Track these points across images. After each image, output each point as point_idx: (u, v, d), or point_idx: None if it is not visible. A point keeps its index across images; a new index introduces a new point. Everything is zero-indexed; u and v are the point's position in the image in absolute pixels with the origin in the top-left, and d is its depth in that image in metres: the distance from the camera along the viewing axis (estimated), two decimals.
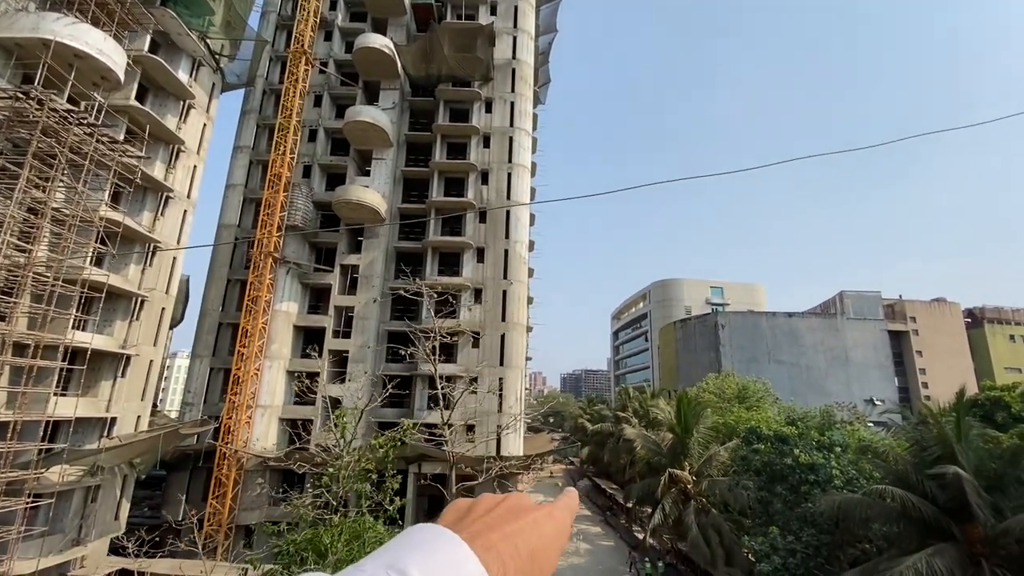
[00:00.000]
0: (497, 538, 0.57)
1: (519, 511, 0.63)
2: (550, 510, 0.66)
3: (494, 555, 0.55)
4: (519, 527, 0.60)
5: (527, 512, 0.64)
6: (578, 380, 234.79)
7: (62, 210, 19.27)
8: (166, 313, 27.24)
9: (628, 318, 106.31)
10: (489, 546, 0.56)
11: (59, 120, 17.96)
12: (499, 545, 0.57)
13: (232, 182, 34.57)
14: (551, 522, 0.64)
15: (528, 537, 0.60)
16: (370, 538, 6.42)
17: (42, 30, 18.25)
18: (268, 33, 37.48)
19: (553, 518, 0.65)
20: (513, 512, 0.63)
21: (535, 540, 0.60)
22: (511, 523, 0.60)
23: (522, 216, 34.56)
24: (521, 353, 32.23)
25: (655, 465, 28.76)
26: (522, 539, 0.59)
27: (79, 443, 22.22)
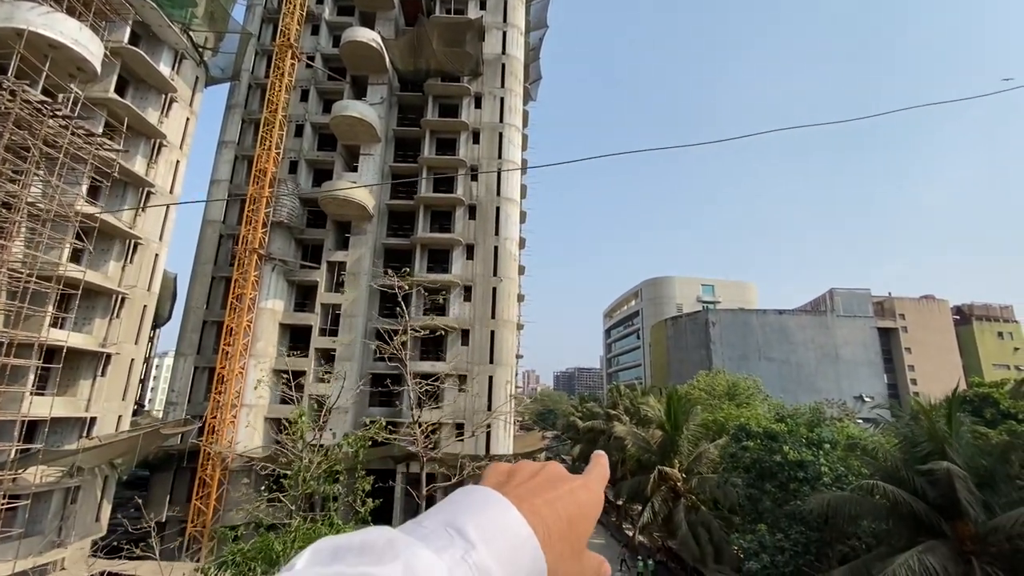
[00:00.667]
0: (540, 503, 0.60)
1: (558, 480, 0.66)
2: (585, 480, 0.69)
3: (539, 519, 0.58)
4: (558, 494, 0.63)
5: (565, 481, 0.67)
6: (571, 378, 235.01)
7: (37, 204, 18.74)
8: (148, 311, 26.70)
9: (620, 316, 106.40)
10: (534, 510, 0.58)
11: (32, 112, 17.43)
12: (543, 510, 0.60)
13: (217, 178, 33.97)
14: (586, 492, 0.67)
15: (567, 504, 0.63)
16: None
17: (15, 19, 17.70)
18: (253, 26, 36.84)
19: (588, 488, 0.68)
20: (552, 480, 0.66)
21: (573, 508, 0.63)
22: (551, 490, 0.64)
23: (512, 213, 34.26)
24: (511, 350, 31.97)
25: (645, 463, 28.63)
26: (562, 505, 0.62)
27: (58, 443, 21.70)
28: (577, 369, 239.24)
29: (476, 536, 0.53)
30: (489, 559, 0.52)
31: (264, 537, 6.17)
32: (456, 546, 0.52)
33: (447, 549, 0.51)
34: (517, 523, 0.56)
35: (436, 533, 0.53)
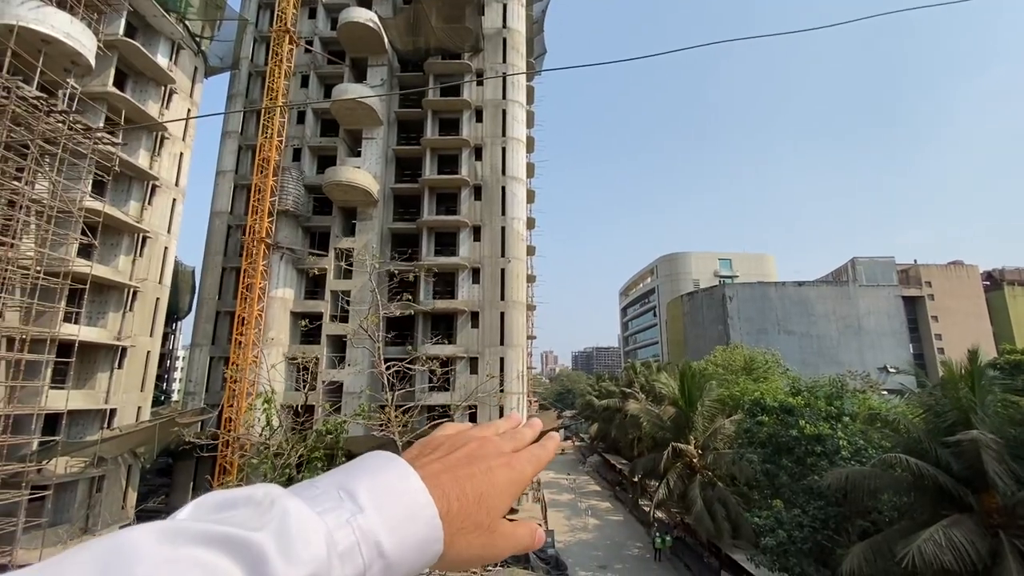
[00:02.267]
0: (448, 478, 0.60)
1: (478, 457, 0.66)
2: (509, 460, 0.68)
3: (441, 492, 0.58)
4: (472, 471, 0.63)
5: (485, 459, 0.66)
6: (589, 358, 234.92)
7: (42, 201, 18.87)
8: (161, 303, 27.05)
9: (636, 294, 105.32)
10: (438, 483, 0.58)
11: (29, 108, 17.40)
12: (447, 484, 0.60)
13: (222, 168, 33.99)
14: (507, 471, 0.66)
15: (479, 482, 0.62)
16: None
17: (6, 15, 17.60)
18: (250, 13, 36.40)
19: (511, 467, 0.67)
20: (472, 457, 0.65)
21: (486, 486, 0.63)
22: (466, 467, 0.63)
23: (518, 192, 33.64)
24: (521, 331, 31.71)
25: (660, 440, 28.32)
26: (472, 483, 0.62)
27: (80, 435, 22.29)
28: (595, 349, 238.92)
29: (367, 500, 0.52)
30: (378, 524, 0.51)
31: None
32: (344, 508, 0.51)
33: (333, 511, 0.50)
34: (416, 490, 0.55)
35: (327, 494, 0.52)
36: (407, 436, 9.07)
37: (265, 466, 7.84)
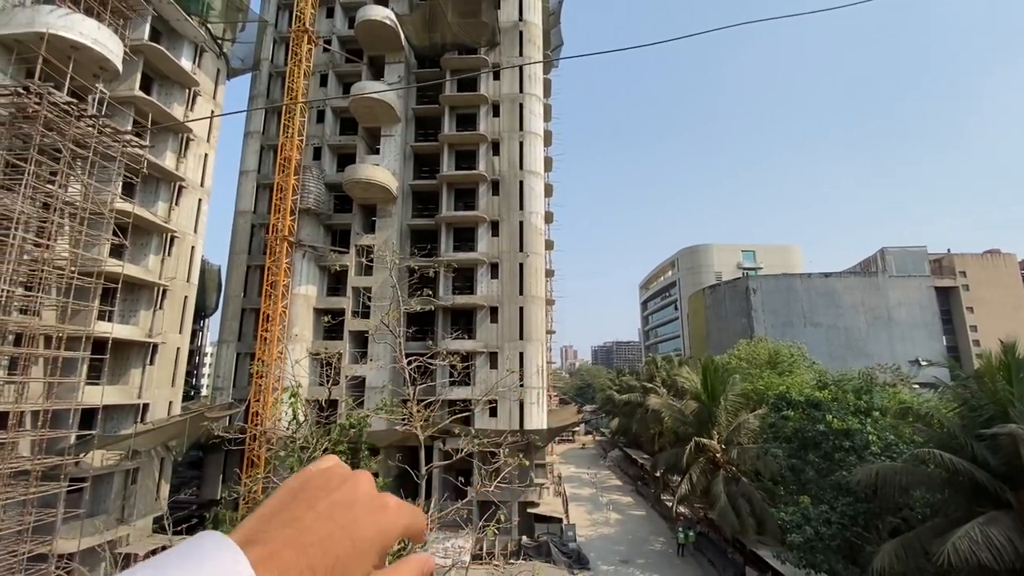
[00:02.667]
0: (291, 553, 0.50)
1: (343, 506, 0.56)
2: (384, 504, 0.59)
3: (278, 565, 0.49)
4: (330, 531, 0.53)
5: (351, 508, 0.56)
6: (609, 352, 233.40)
7: (75, 203, 19.51)
8: (189, 301, 27.76)
9: (657, 287, 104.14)
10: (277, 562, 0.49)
11: (60, 113, 17.97)
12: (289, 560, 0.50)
13: (245, 168, 34.66)
14: (377, 519, 0.57)
15: (336, 544, 0.53)
16: None
17: (37, 24, 18.19)
18: (270, 14, 36.93)
19: (383, 514, 0.58)
20: (332, 510, 0.55)
21: (344, 547, 0.53)
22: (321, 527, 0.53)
23: (536, 186, 33.48)
24: (541, 326, 31.65)
25: (682, 434, 28.05)
26: (324, 549, 0.52)
27: (115, 429, 23.10)
28: (615, 343, 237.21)
29: None
30: None
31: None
32: None
33: None
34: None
35: None
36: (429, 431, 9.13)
37: (292, 459, 8.01)
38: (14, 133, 17.68)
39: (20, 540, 16.93)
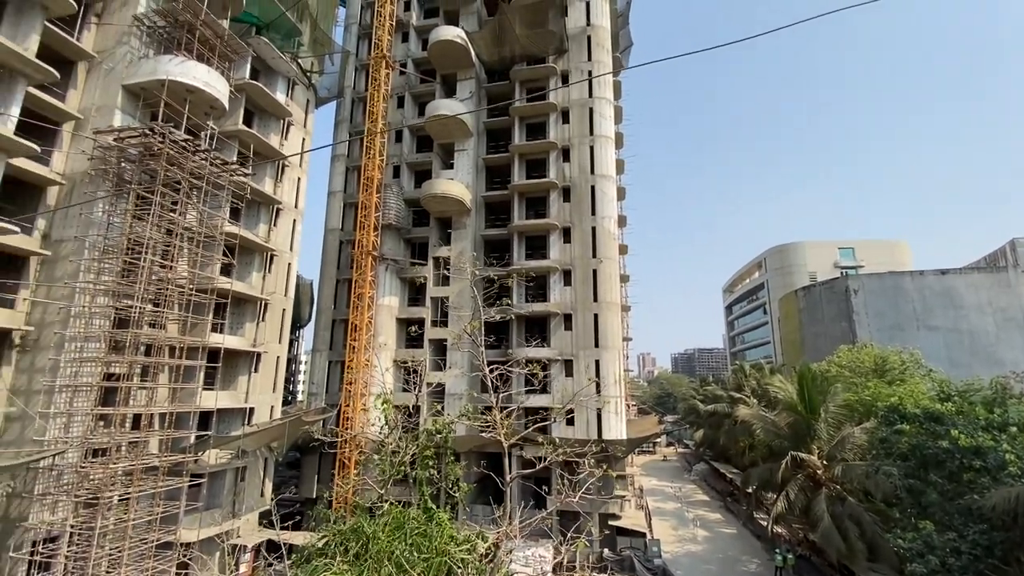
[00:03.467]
0: None
1: None
2: None
3: None
4: None
5: None
6: (690, 359, 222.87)
7: (192, 228, 22.00)
8: (287, 313, 30.16)
9: (742, 290, 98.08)
10: None
11: (179, 150, 20.37)
12: None
13: (333, 189, 37.29)
14: None
15: None
16: (411, 528, 6.19)
17: (159, 72, 20.76)
18: (351, 45, 39.62)
19: None
20: None
21: None
22: None
23: (608, 191, 32.91)
24: (617, 333, 30.89)
25: (776, 448, 26.05)
26: None
27: (227, 430, 25.54)
28: (697, 350, 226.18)
29: None
30: None
31: (357, 519, 6.48)
32: None
33: None
34: None
35: None
36: (513, 439, 9.19)
37: (383, 464, 8.39)
38: (143, 169, 20.28)
39: (150, 529, 19.13)
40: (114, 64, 21.19)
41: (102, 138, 19.50)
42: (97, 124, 20.12)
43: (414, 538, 5.93)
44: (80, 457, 17.56)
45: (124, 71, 20.95)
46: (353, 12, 40.81)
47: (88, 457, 17.83)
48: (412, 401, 31.81)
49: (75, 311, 18.27)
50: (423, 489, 7.11)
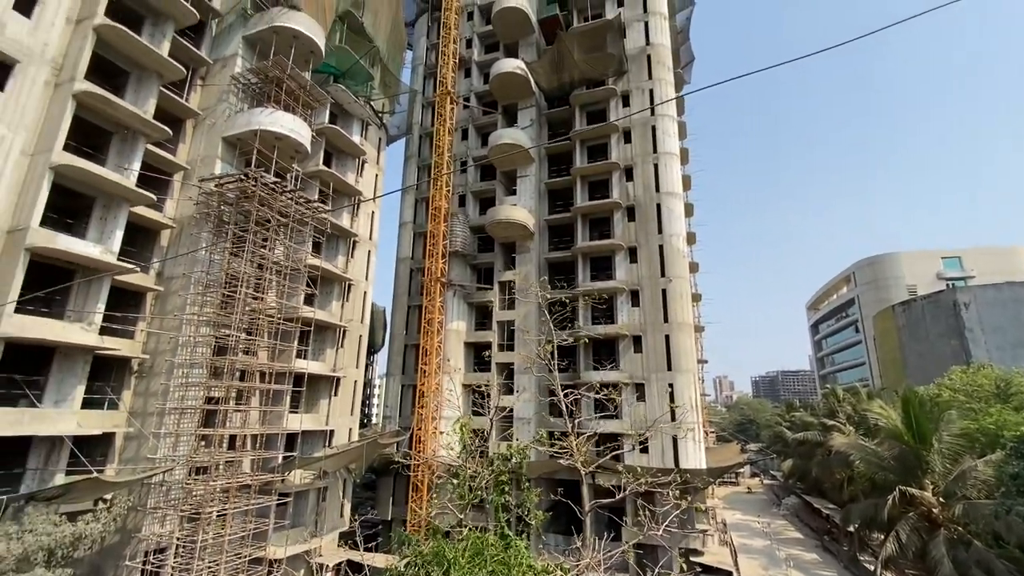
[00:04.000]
0: None
1: None
2: None
3: None
4: None
5: None
6: (772, 383, 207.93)
7: (280, 262, 23.91)
8: (363, 339, 31.69)
9: (829, 307, 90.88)
10: None
11: (269, 191, 22.37)
12: None
13: (403, 220, 39.18)
14: None
15: None
16: (491, 555, 6.14)
17: (252, 123, 23.06)
18: (418, 84, 41.99)
19: None
20: None
21: None
22: None
23: (675, 208, 32.03)
24: (690, 355, 29.52)
25: (880, 482, 23.48)
26: None
27: (309, 452, 26.95)
28: (780, 372, 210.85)
29: None
30: None
31: (438, 543, 6.56)
32: None
33: None
34: None
35: None
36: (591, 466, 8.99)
37: (461, 488, 8.46)
38: (238, 210, 22.43)
39: (244, 544, 20.41)
40: (215, 119, 23.83)
41: (205, 185, 21.85)
42: (201, 173, 22.59)
43: (493, 565, 5.90)
44: (185, 474, 19.21)
45: (223, 124, 23.48)
46: (419, 54, 43.38)
47: (192, 475, 19.47)
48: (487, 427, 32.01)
49: (182, 340, 20.28)
50: (499, 515, 7.08)
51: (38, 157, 17.24)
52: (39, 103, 17.76)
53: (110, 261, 18.42)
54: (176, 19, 21.93)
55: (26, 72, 17.40)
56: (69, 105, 17.62)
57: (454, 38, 36.74)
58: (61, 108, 17.61)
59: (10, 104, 16.87)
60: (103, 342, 18.56)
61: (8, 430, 15.57)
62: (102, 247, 18.35)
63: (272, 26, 24.41)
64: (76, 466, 17.69)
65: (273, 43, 24.72)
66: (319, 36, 25.88)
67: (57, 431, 16.95)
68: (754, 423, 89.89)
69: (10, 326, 15.55)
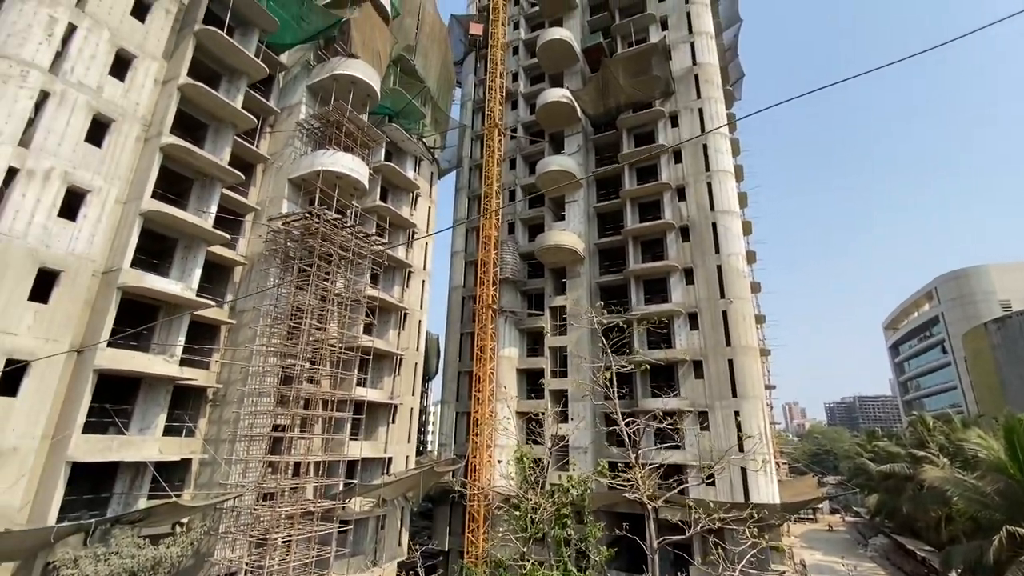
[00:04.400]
0: None
1: None
2: None
3: None
4: None
5: None
6: (849, 410, 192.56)
7: (341, 294, 24.99)
8: (418, 368, 32.25)
9: (909, 326, 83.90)
10: None
11: (331, 227, 23.59)
12: None
13: (455, 250, 40.10)
14: None
15: None
16: None
17: (315, 165, 24.58)
18: (467, 119, 43.49)
19: None
20: None
21: None
22: None
23: (732, 226, 30.92)
24: (756, 380, 27.91)
25: (984, 521, 20.94)
26: None
27: (369, 479, 27.39)
28: (857, 398, 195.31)
29: None
30: None
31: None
32: None
33: None
34: None
35: None
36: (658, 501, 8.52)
37: (522, 520, 8.24)
38: (303, 246, 23.76)
39: (307, 571, 20.81)
40: (282, 162, 25.60)
41: (273, 223, 23.35)
42: (270, 212, 24.20)
43: None
44: (254, 500, 19.98)
45: (289, 167, 25.16)
46: (467, 91, 45.06)
47: (259, 500, 20.22)
48: (545, 456, 31.46)
49: (252, 370, 21.41)
50: (562, 550, 6.82)
51: (130, 205, 19.08)
52: (131, 156, 19.77)
53: (190, 297, 19.91)
54: (249, 75, 23.99)
55: (120, 129, 19.46)
56: (157, 157, 19.50)
57: (500, 73, 37.99)
58: (150, 160, 19.51)
59: (107, 158, 18.86)
60: (183, 373, 19.91)
61: (99, 456, 16.84)
62: (183, 284, 19.88)
63: (332, 74, 26.18)
64: (157, 491, 18.84)
65: (333, 90, 26.46)
66: (375, 80, 27.46)
67: (141, 457, 18.16)
68: (831, 453, 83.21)
69: (104, 359, 16.99)
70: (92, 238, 17.95)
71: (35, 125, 17.03)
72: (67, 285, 17.05)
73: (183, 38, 21.66)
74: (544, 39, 38.35)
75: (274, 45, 26.67)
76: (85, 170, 18.00)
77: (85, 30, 18.62)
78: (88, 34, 18.70)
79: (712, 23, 37.24)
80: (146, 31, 20.75)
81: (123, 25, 19.91)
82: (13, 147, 16.30)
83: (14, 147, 16.33)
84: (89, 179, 18.08)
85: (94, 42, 18.85)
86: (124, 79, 19.91)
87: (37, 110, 17.25)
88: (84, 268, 17.60)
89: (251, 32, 24.39)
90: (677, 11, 37.21)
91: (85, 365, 16.78)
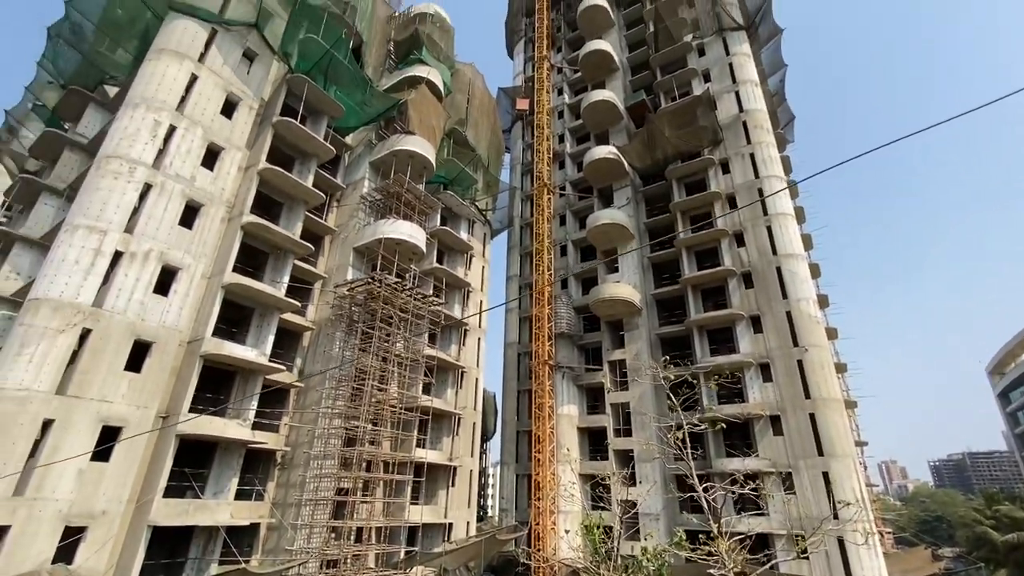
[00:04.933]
0: None
1: None
2: None
3: None
4: None
5: None
6: (959, 468, 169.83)
7: (400, 354, 25.56)
8: (476, 427, 31.85)
9: (1018, 370, 74.57)
10: None
11: (391, 291, 24.57)
12: None
13: (509, 306, 40.37)
14: None
15: None
16: None
17: (377, 233, 26.06)
18: (516, 180, 45.09)
19: None
20: None
21: None
22: None
23: (798, 270, 29.38)
24: (844, 436, 25.32)
25: None
26: None
27: (429, 546, 26.60)
28: (967, 454, 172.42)
29: None
30: None
31: None
32: None
33: None
34: None
35: None
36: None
37: None
38: (366, 310, 24.77)
39: None
40: (347, 233, 27.34)
41: (339, 290, 24.63)
42: (336, 280, 25.62)
43: None
44: (317, 568, 19.79)
45: (354, 237, 26.80)
46: (516, 155, 47.03)
47: (322, 568, 20.01)
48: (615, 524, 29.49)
49: (318, 432, 21.91)
50: None
51: (214, 279, 20.83)
52: (216, 235, 21.79)
53: (263, 363, 21.01)
54: (319, 156, 26.31)
55: (208, 212, 21.62)
56: (238, 235, 21.40)
57: (547, 136, 39.53)
58: (232, 238, 21.42)
59: (196, 239, 20.88)
60: (255, 436, 20.67)
61: (177, 520, 17.45)
62: (257, 351, 21.09)
63: (392, 150, 28.22)
64: (227, 555, 19.12)
65: (393, 164, 28.42)
66: (431, 153, 29.32)
67: (214, 521, 18.65)
68: (943, 520, 72.78)
69: (186, 424, 17.99)
70: (180, 311, 19.59)
71: (138, 212, 19.29)
72: (157, 355, 18.51)
73: (263, 129, 24.28)
74: (588, 101, 39.85)
75: (340, 128, 29.33)
76: (177, 250, 19.98)
77: (183, 129, 21.30)
78: (185, 132, 21.36)
79: (756, 71, 37.44)
80: (232, 126, 23.44)
81: (214, 123, 22.63)
82: (120, 233, 18.46)
83: (121, 233, 18.48)
84: (180, 257, 20.01)
85: (190, 139, 21.47)
86: (213, 168, 22.36)
87: (141, 199, 19.58)
88: (173, 339, 19.11)
89: (320, 119, 27.01)
90: (719, 64, 37.81)
91: (169, 430, 17.81)
